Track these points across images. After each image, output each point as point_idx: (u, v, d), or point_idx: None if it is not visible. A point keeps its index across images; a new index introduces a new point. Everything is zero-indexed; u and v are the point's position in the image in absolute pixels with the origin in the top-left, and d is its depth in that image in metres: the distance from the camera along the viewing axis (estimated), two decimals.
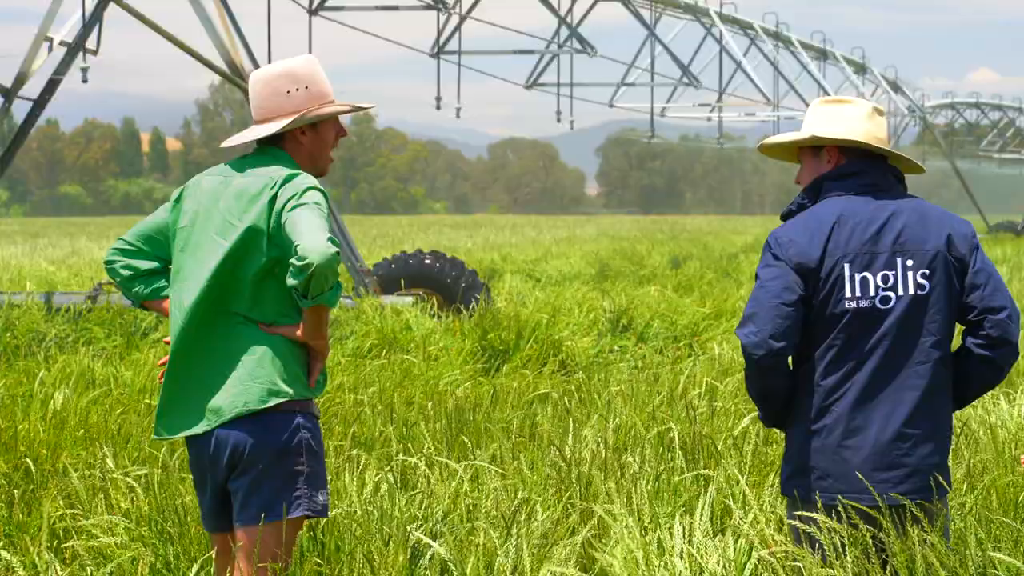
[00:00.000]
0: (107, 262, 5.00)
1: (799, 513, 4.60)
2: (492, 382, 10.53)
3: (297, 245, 4.46)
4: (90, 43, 16.16)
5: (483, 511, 5.92)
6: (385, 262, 16.38)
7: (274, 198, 4.64)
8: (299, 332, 4.71)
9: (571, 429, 7.17)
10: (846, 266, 4.51)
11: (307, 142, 4.85)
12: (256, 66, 16.65)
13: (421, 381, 10.33)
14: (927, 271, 4.53)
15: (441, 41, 23.88)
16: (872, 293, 4.51)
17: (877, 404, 4.50)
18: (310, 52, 20.72)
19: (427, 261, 16.00)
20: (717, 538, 5.41)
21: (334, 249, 4.45)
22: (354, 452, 7.07)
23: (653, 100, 30.50)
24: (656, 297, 16.67)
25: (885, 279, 4.51)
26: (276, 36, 18.82)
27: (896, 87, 55.99)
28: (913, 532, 4.48)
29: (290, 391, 4.69)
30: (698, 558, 5.23)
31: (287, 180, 4.67)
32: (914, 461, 4.51)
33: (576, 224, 70.15)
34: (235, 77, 15.81)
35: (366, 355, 12.53)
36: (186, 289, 4.78)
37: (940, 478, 4.56)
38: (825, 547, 4.49)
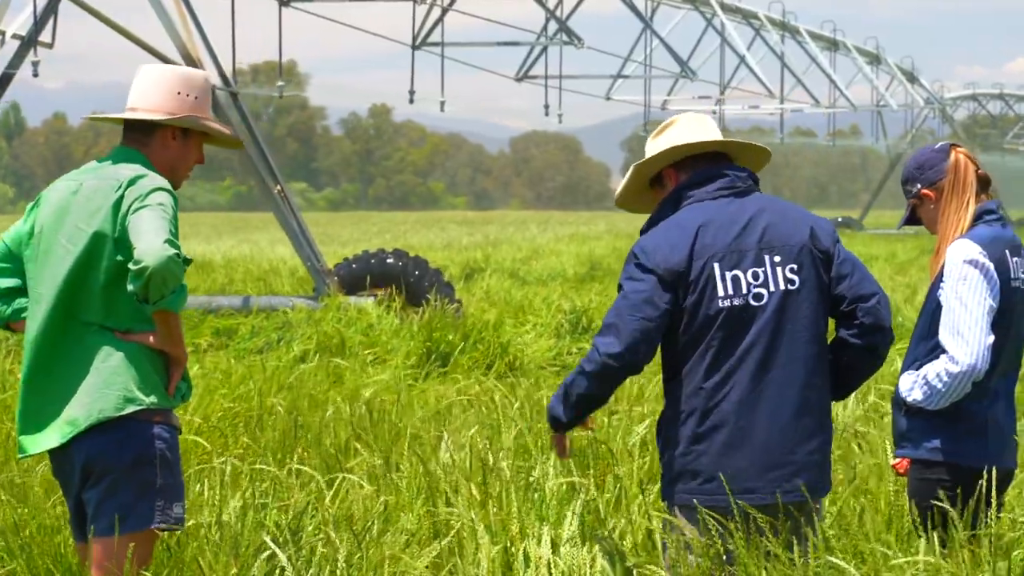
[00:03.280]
0: None
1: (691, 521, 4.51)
2: (420, 387, 10.29)
3: (134, 248, 4.39)
4: (46, 36, 15.82)
5: (342, 521, 5.78)
6: (346, 262, 16.10)
7: (119, 201, 4.56)
8: (152, 339, 4.62)
9: (446, 436, 7.09)
10: (716, 265, 4.47)
11: (174, 149, 4.80)
12: (215, 60, 16.36)
13: (350, 386, 10.08)
14: (795, 266, 4.51)
15: (423, 33, 23.58)
16: (744, 291, 4.48)
17: (759, 402, 4.47)
18: (280, 43, 20.52)
19: (389, 260, 15.70)
20: (585, 547, 5.34)
21: (171, 251, 4.35)
22: (222, 461, 6.84)
23: (649, 94, 30.02)
24: None
25: (755, 276, 4.49)
26: (246, 28, 18.45)
27: (913, 78, 55.27)
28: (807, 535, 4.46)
29: (147, 399, 4.60)
30: (563, 567, 5.17)
31: (132, 182, 4.58)
32: (800, 458, 4.50)
33: (591, 220, 69.95)
34: None
35: (312, 358, 12.26)
36: (39, 299, 4.69)
37: (821, 474, 4.56)
38: (728, 550, 4.44)
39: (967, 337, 4.67)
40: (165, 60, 15.67)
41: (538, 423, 7.86)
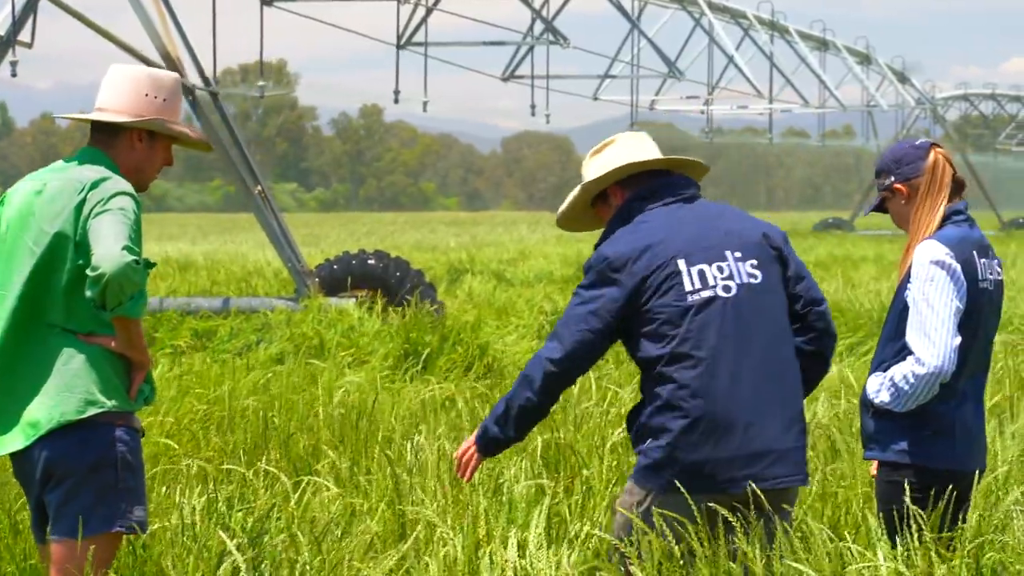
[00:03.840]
0: None
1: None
2: (396, 389, 10.24)
3: (92, 254, 4.38)
4: (25, 36, 15.70)
5: (303, 524, 5.76)
6: (327, 263, 16.03)
7: (81, 203, 4.54)
8: (113, 344, 4.60)
9: (414, 439, 7.08)
10: (680, 262, 4.55)
11: (140, 151, 4.77)
12: (195, 60, 16.26)
13: (323, 388, 9.98)
14: (755, 261, 4.62)
15: (407, 33, 23.51)
16: (712, 283, 4.56)
17: (737, 393, 4.50)
18: (261, 43, 20.40)
19: (370, 262, 15.62)
20: (551, 549, 5.30)
21: (129, 258, 4.34)
22: (188, 463, 6.75)
23: (636, 94, 29.96)
24: None
25: (720, 269, 4.59)
26: (237, 30, 18.37)
27: (903, 78, 55.22)
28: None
29: (108, 402, 4.59)
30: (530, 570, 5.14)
31: (95, 185, 4.56)
32: (780, 446, 4.53)
33: None
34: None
35: (289, 360, 12.17)
36: (3, 300, 4.67)
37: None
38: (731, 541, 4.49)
39: (934, 339, 4.63)
40: (145, 61, 15.59)
41: None
